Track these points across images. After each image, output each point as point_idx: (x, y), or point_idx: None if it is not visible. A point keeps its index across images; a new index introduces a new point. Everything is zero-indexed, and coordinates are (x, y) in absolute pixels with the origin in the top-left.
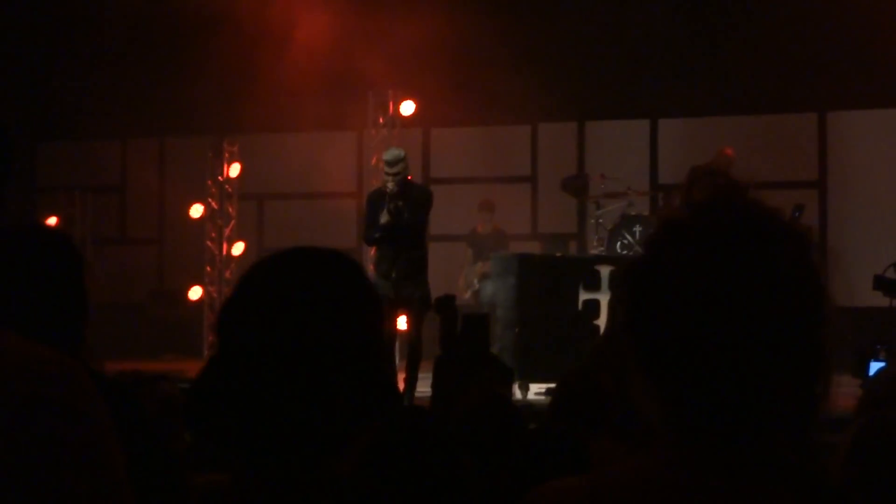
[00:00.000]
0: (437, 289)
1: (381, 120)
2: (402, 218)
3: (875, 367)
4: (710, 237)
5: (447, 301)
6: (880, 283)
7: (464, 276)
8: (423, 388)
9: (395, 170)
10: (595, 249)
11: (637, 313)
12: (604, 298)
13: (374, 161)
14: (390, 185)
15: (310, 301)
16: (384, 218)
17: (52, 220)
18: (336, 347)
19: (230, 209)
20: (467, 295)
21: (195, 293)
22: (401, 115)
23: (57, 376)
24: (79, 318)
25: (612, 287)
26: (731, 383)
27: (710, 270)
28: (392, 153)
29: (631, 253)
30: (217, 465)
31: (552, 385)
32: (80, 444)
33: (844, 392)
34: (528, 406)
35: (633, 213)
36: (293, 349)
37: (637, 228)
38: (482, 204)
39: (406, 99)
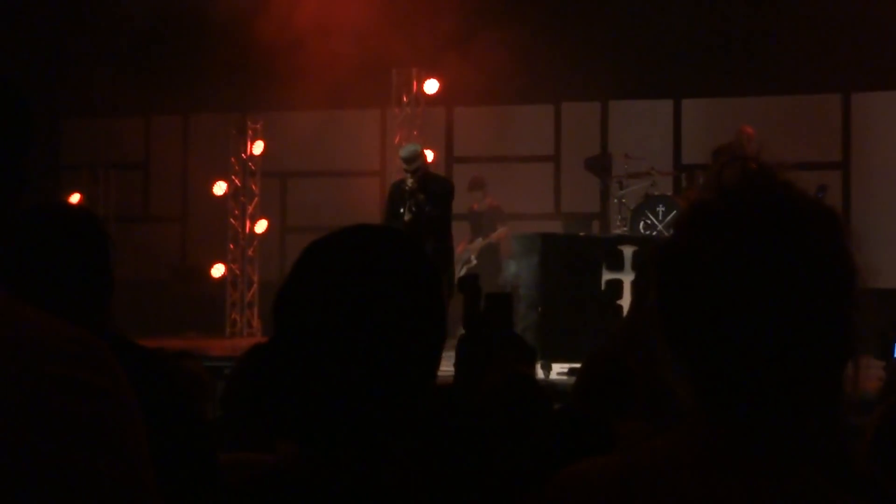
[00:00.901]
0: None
1: (404, 98)
2: (425, 212)
3: None
4: (742, 221)
5: (471, 280)
6: None
7: (460, 250)
8: (446, 366)
9: (413, 167)
10: (618, 229)
11: (668, 295)
12: (627, 278)
13: (397, 140)
14: (409, 182)
15: (370, 281)
16: (407, 216)
17: (75, 197)
18: (398, 327)
19: (253, 187)
20: (461, 272)
21: (218, 270)
22: (424, 93)
23: (81, 356)
24: (104, 296)
25: (636, 267)
26: (762, 365)
27: (742, 254)
28: (408, 150)
29: (654, 233)
30: (241, 444)
31: (575, 365)
32: (103, 425)
33: (869, 374)
34: (551, 386)
35: (656, 193)
36: (354, 331)
37: (660, 208)
38: (473, 182)
39: (429, 77)
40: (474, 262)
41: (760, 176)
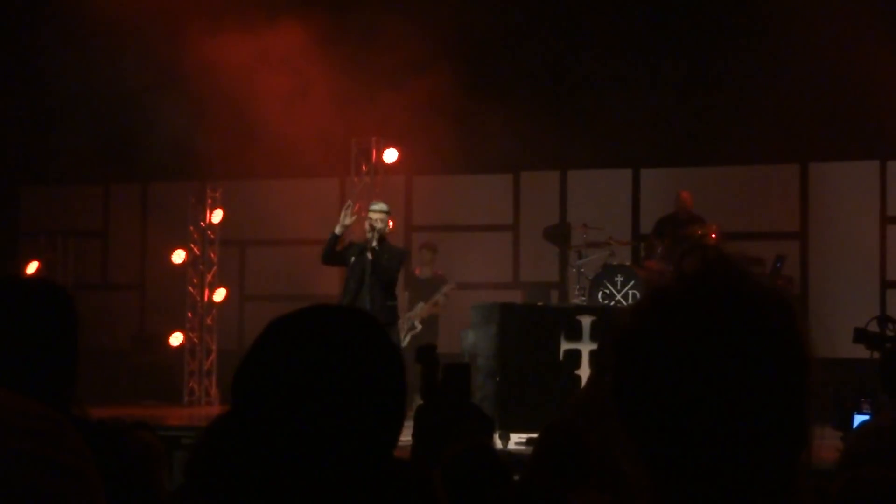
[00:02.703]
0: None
1: (364, 167)
2: (381, 260)
3: (859, 419)
4: (698, 308)
5: (428, 350)
6: (861, 336)
7: (403, 319)
8: (404, 436)
9: (386, 218)
10: (577, 299)
11: (624, 378)
12: (585, 348)
13: (356, 208)
14: (375, 231)
15: (330, 361)
16: (365, 255)
17: (33, 265)
18: (357, 407)
19: (212, 255)
20: (405, 340)
21: (176, 339)
22: (384, 162)
23: (47, 433)
24: (72, 371)
25: (596, 339)
26: (715, 451)
27: (697, 340)
28: (383, 205)
29: (612, 303)
30: None
31: (533, 435)
32: (68, 501)
33: (826, 444)
34: (509, 456)
35: (614, 263)
36: (313, 411)
37: (619, 278)
38: (424, 245)
39: (389, 146)
40: (419, 328)
41: (719, 263)
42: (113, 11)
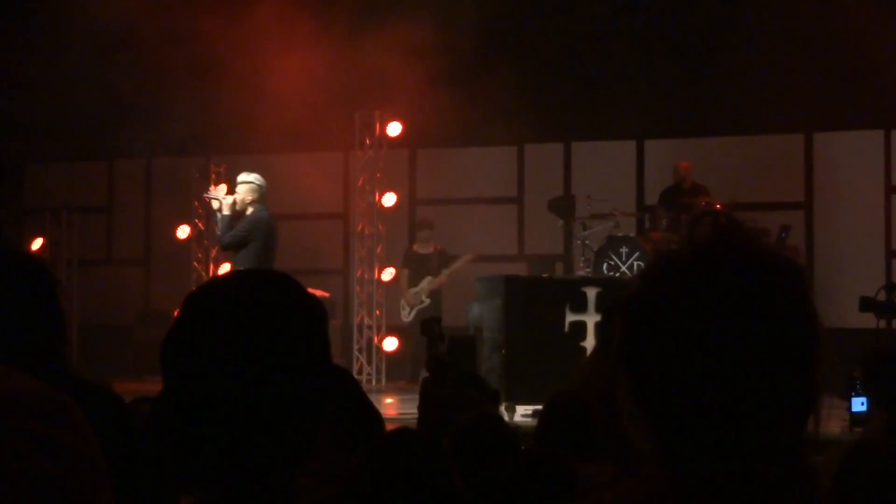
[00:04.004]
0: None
1: (367, 141)
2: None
3: (856, 402)
4: (709, 274)
5: (433, 323)
6: (868, 305)
7: (409, 295)
8: (411, 409)
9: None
10: (581, 271)
11: (632, 345)
12: (590, 320)
13: (360, 182)
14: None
15: (250, 320)
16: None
17: (38, 242)
18: (282, 365)
19: (216, 230)
20: (410, 316)
21: None
22: (387, 135)
23: (49, 413)
24: (58, 341)
25: (601, 310)
26: (725, 414)
27: (708, 307)
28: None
29: (617, 274)
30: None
31: (539, 407)
32: (68, 482)
33: (832, 414)
34: (515, 428)
35: (619, 235)
36: (241, 373)
37: (623, 250)
38: (420, 222)
39: (392, 120)
40: (427, 302)
41: (730, 230)
42: None
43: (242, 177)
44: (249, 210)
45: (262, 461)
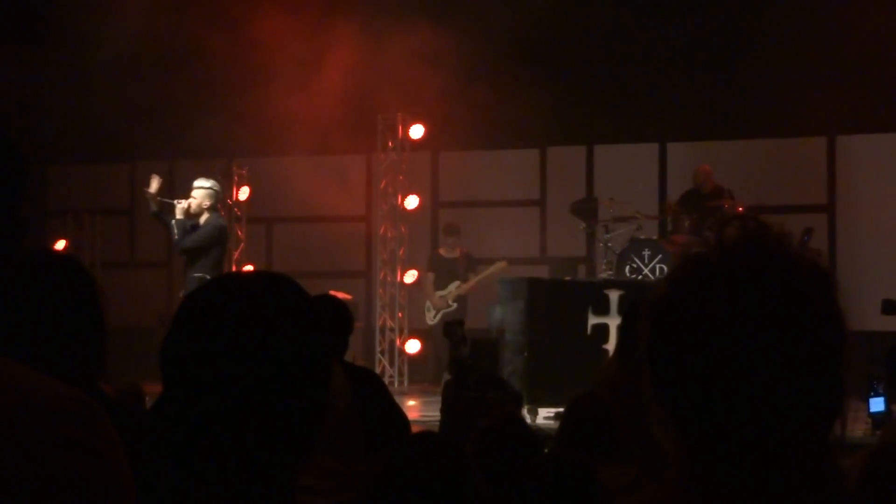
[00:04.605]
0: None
1: (390, 144)
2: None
3: (875, 403)
4: (738, 278)
5: (456, 326)
6: (891, 307)
7: (435, 298)
8: (433, 412)
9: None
10: (604, 273)
11: (659, 348)
12: (613, 322)
13: (383, 185)
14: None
15: (248, 322)
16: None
17: (60, 244)
18: (280, 363)
19: (239, 232)
20: (435, 319)
21: None
22: (410, 138)
23: (73, 414)
24: (97, 344)
25: (622, 312)
26: (752, 418)
27: (736, 310)
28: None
29: (640, 277)
30: None
31: (561, 409)
32: (96, 485)
33: (856, 417)
34: (538, 430)
35: (641, 237)
36: (233, 376)
37: (646, 252)
38: (447, 226)
39: (415, 123)
40: (453, 306)
41: (758, 233)
42: None
43: (200, 182)
44: (205, 216)
45: (259, 462)
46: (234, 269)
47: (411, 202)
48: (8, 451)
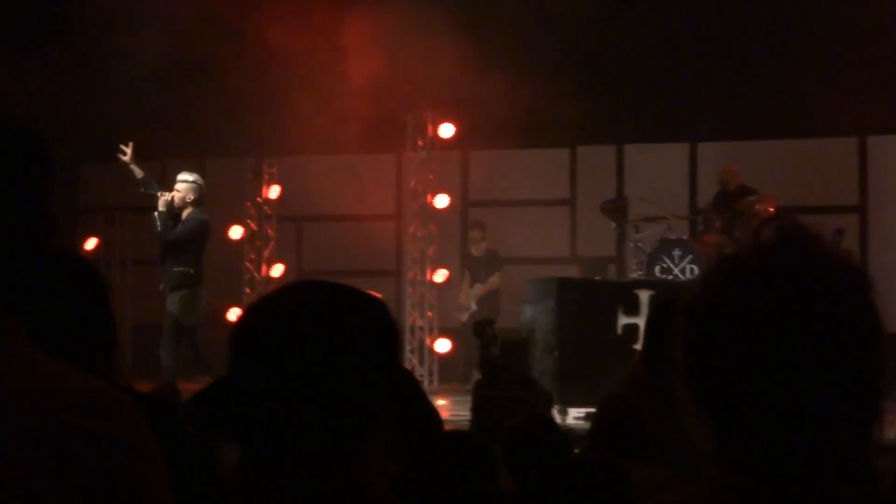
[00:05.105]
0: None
1: (420, 142)
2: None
3: None
4: (775, 278)
5: (486, 325)
6: None
7: (461, 296)
8: (463, 411)
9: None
10: (634, 273)
11: (695, 346)
12: (643, 323)
13: (412, 184)
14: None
15: (314, 335)
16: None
17: (92, 241)
18: (337, 367)
19: (269, 231)
20: (464, 318)
21: (234, 315)
22: (440, 137)
23: (105, 408)
24: (107, 343)
25: (651, 311)
26: (790, 418)
27: (774, 311)
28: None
29: (670, 277)
30: None
31: (591, 409)
32: (126, 478)
33: (892, 419)
34: (568, 431)
35: (672, 237)
36: (297, 371)
37: (676, 252)
38: (473, 223)
39: (445, 121)
40: (474, 308)
41: (795, 234)
42: None
43: (184, 175)
44: (189, 210)
45: (316, 448)
46: (263, 267)
47: (441, 201)
48: (35, 444)
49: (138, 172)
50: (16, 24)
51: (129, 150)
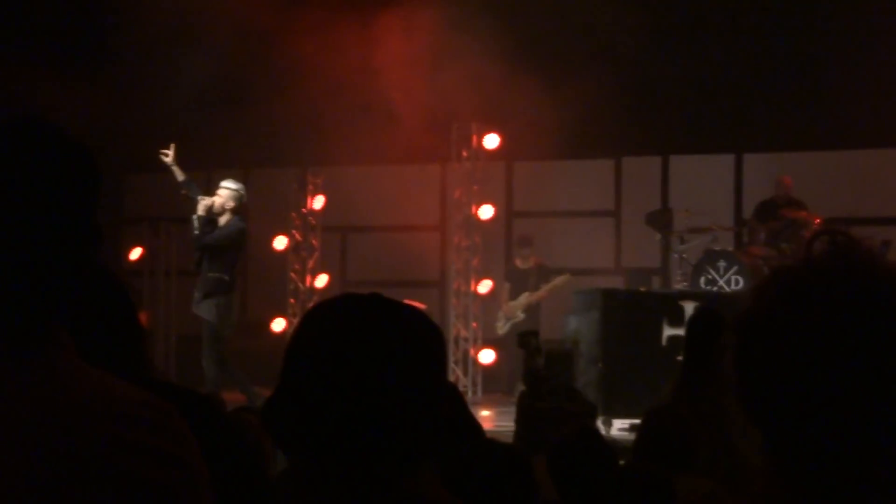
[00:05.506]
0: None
1: (464, 153)
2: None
3: None
4: (830, 292)
5: (530, 336)
6: None
7: (506, 307)
8: (507, 422)
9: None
10: (679, 284)
11: (747, 360)
12: None
13: (457, 194)
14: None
15: (365, 348)
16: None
17: (136, 251)
18: (388, 382)
19: (314, 241)
20: (505, 329)
21: (278, 325)
22: (484, 148)
23: (152, 421)
24: (137, 353)
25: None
26: (842, 433)
27: (828, 324)
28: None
29: (715, 288)
30: None
31: (636, 421)
32: (172, 491)
33: None
34: (613, 442)
35: (717, 249)
36: (345, 386)
37: (721, 264)
38: (520, 239)
39: (490, 132)
40: (521, 317)
41: (847, 247)
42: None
43: (227, 183)
44: (226, 216)
45: (370, 460)
46: (308, 278)
47: (485, 212)
48: (84, 458)
49: (179, 174)
50: (66, 37)
51: (171, 152)
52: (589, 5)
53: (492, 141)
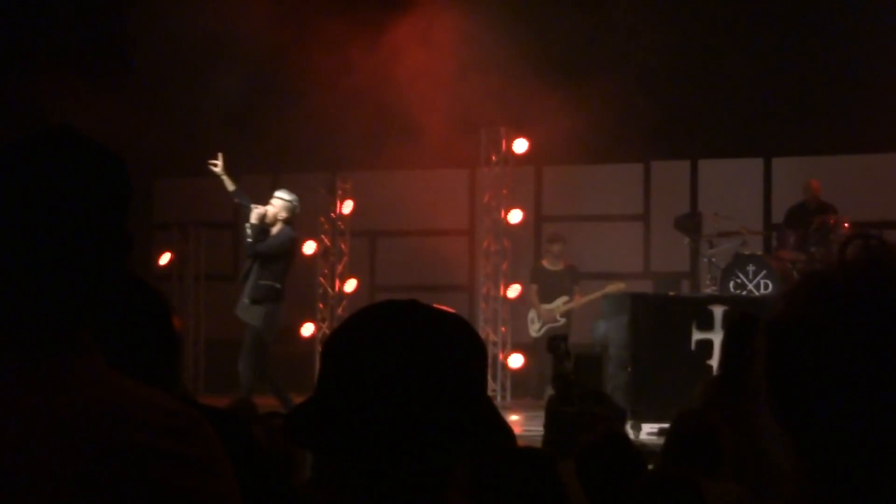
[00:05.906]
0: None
1: (493, 158)
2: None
3: None
4: (864, 297)
5: (559, 340)
6: None
7: (543, 311)
8: (536, 427)
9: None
10: (708, 289)
11: (779, 366)
12: (717, 338)
13: (486, 199)
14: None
15: (402, 355)
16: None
17: (166, 256)
18: (426, 389)
19: (343, 246)
20: (540, 332)
21: (307, 329)
22: (513, 152)
23: (181, 429)
24: (170, 362)
25: (725, 327)
26: (876, 440)
27: (861, 329)
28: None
29: (744, 293)
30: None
31: (665, 425)
32: (200, 498)
33: None
34: (641, 446)
35: (746, 253)
36: (382, 392)
37: (750, 268)
38: (550, 236)
39: (518, 136)
40: (562, 321)
41: (881, 251)
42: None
43: (281, 193)
44: (279, 226)
45: (398, 474)
46: (337, 283)
47: (514, 216)
48: (111, 460)
49: (230, 185)
50: (97, 48)
51: (219, 162)
52: (618, 11)
53: (521, 145)
